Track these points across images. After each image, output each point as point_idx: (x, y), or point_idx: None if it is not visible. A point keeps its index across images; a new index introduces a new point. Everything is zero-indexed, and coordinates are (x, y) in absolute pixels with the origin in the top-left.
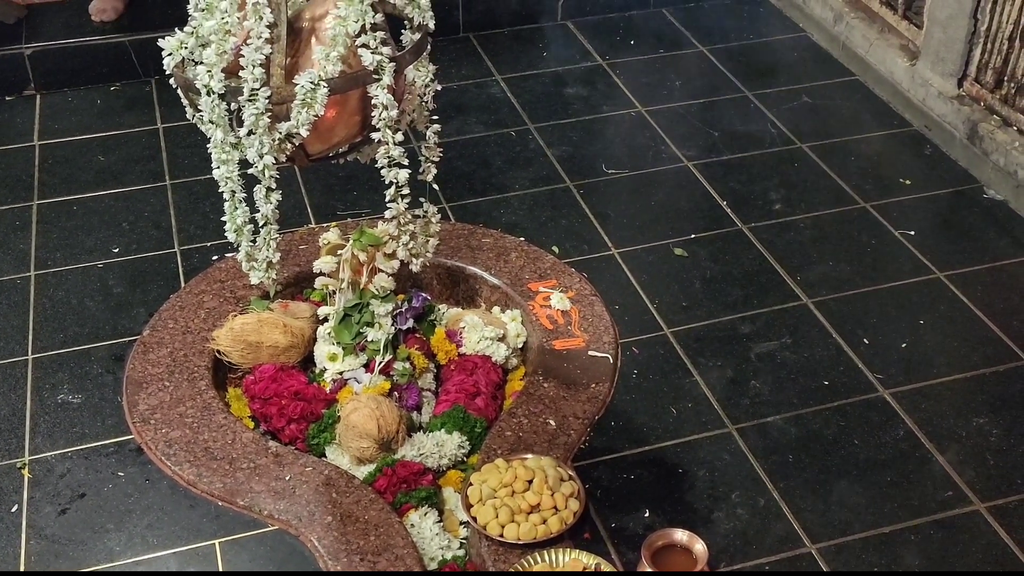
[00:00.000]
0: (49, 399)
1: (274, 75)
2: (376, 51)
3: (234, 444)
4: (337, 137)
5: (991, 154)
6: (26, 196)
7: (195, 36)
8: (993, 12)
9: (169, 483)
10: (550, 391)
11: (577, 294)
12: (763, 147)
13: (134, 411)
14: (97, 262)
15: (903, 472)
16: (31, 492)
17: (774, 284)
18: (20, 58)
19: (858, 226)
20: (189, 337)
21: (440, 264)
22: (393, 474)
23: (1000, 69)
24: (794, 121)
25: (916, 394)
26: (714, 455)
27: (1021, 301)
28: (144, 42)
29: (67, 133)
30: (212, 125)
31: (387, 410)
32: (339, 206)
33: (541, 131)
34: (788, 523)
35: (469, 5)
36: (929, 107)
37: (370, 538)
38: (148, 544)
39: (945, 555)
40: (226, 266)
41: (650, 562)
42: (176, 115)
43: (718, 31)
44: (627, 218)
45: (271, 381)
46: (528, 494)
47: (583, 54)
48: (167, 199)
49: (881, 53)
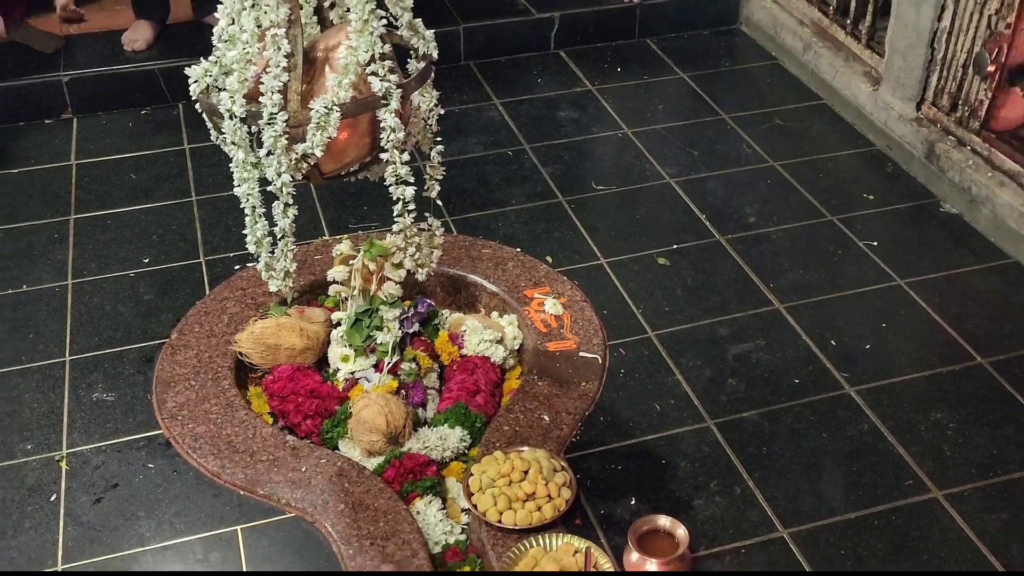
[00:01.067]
0: (85, 397)
1: (291, 100)
2: (384, 78)
3: (254, 438)
4: (349, 157)
5: (947, 171)
6: (64, 211)
7: (218, 65)
8: (948, 42)
9: (195, 474)
10: (544, 389)
11: (569, 300)
12: (739, 165)
13: (163, 408)
14: (129, 271)
15: (867, 463)
16: (68, 483)
17: (749, 291)
18: (58, 84)
19: (825, 237)
20: (213, 340)
21: (443, 273)
22: (400, 465)
23: (955, 94)
24: (767, 141)
25: (879, 391)
26: (694, 447)
27: (975, 306)
28: (172, 70)
29: (101, 153)
30: (234, 146)
31: (395, 407)
32: (350, 220)
33: (536, 151)
34: (762, 510)
35: (470, 36)
36: (890, 129)
37: (379, 524)
38: (176, 530)
39: (905, 539)
40: (247, 275)
41: (636, 546)
42: (201, 137)
43: (697, 59)
44: (614, 230)
45: (288, 380)
46: (524, 483)
47: (574, 80)
48: (193, 214)
49: (846, 79)
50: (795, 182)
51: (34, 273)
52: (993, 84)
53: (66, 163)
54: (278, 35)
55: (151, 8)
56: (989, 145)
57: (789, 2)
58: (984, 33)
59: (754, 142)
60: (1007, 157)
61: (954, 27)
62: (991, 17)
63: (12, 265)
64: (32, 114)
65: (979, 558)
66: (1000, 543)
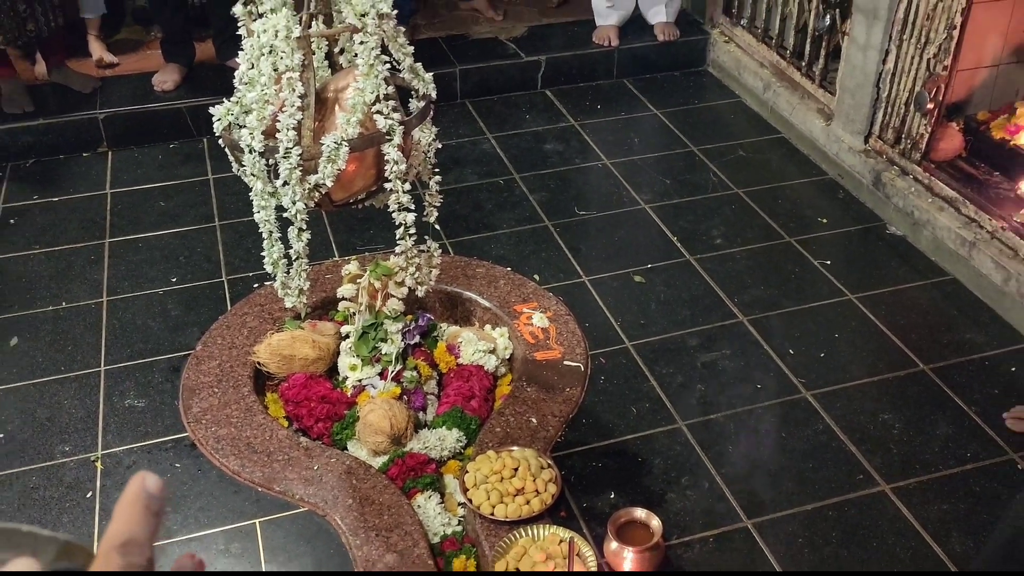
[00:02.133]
0: (118, 403)
1: (305, 136)
2: (388, 116)
3: (271, 440)
4: (356, 187)
5: (892, 198)
6: (100, 235)
7: (239, 105)
8: (892, 83)
9: (217, 472)
10: (532, 394)
11: (554, 314)
12: (706, 192)
13: (188, 413)
14: (158, 289)
15: (822, 460)
16: (103, 481)
17: (716, 305)
18: (95, 121)
19: (784, 257)
20: (234, 351)
21: (441, 290)
22: (403, 464)
23: (898, 129)
24: (731, 171)
25: (832, 395)
26: (667, 446)
27: (917, 318)
28: (197, 108)
29: (134, 183)
30: (253, 177)
31: (398, 411)
32: (358, 242)
33: (524, 180)
34: (728, 502)
35: (465, 77)
36: (841, 159)
37: (384, 517)
38: (200, 523)
39: (857, 528)
40: (265, 292)
41: (615, 536)
42: (224, 168)
43: (669, 97)
44: (595, 251)
45: (302, 387)
46: (514, 480)
47: (559, 116)
48: (216, 237)
49: (802, 115)
50: (756, 207)
51: (72, 291)
52: (932, 120)
53: (102, 192)
54: (293, 78)
55: (178, 53)
56: (929, 174)
57: (750, 46)
58: (924, 75)
59: (720, 171)
60: (945, 185)
61: (897, 69)
62: (930, 60)
63: (53, 284)
64: (71, 148)
65: (922, 545)
66: (941, 532)
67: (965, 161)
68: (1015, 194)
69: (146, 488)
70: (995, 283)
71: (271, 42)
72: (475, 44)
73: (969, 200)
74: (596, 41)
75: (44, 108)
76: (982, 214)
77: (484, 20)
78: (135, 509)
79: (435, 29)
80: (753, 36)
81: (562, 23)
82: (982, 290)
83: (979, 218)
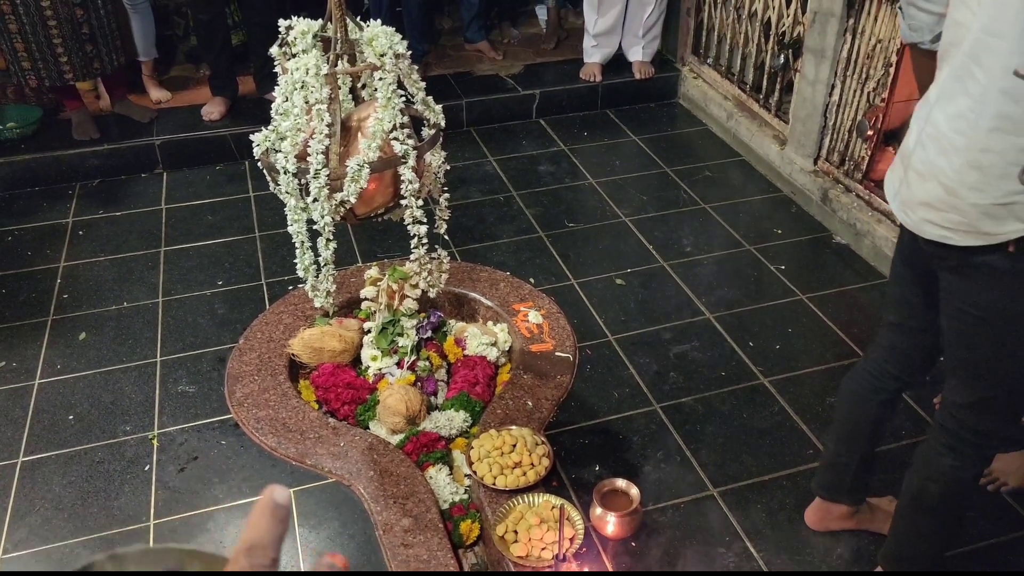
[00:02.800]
0: (172, 389)
1: (332, 160)
2: (404, 142)
3: (303, 420)
4: (376, 203)
5: (838, 211)
6: (156, 244)
7: (276, 132)
8: (837, 112)
9: (257, 449)
10: (528, 381)
11: (547, 312)
12: (678, 207)
13: (232, 397)
14: (206, 291)
15: (778, 437)
16: (158, 456)
17: (686, 304)
18: (152, 147)
19: (744, 263)
20: (272, 344)
21: (450, 291)
22: (417, 441)
23: (843, 152)
24: (699, 189)
25: (787, 381)
26: (644, 426)
27: (859, 315)
28: (240, 135)
29: (185, 200)
30: (288, 195)
31: (413, 395)
32: (378, 251)
33: (521, 196)
34: (697, 474)
35: (470, 108)
36: (794, 179)
37: (400, 487)
38: (242, 492)
39: (807, 494)
40: (298, 294)
41: (599, 503)
42: (262, 187)
43: (646, 125)
44: (583, 258)
45: (330, 376)
46: (513, 454)
47: (551, 142)
48: (256, 246)
49: (760, 140)
50: (721, 220)
51: (133, 293)
52: (872, 145)
53: (158, 207)
54: (322, 109)
55: (223, 88)
56: (869, 191)
57: (715, 81)
58: (864, 106)
59: (689, 189)
60: (883, 200)
61: (842, 101)
62: (870, 93)
63: (116, 287)
64: (132, 169)
65: None
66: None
67: None
68: None
69: (274, 499)
70: None
71: (303, 78)
72: (479, 80)
73: None
74: (583, 77)
75: (108, 135)
76: None
77: (487, 59)
78: (263, 517)
79: (444, 67)
80: (718, 72)
81: (554, 61)
82: None
83: None
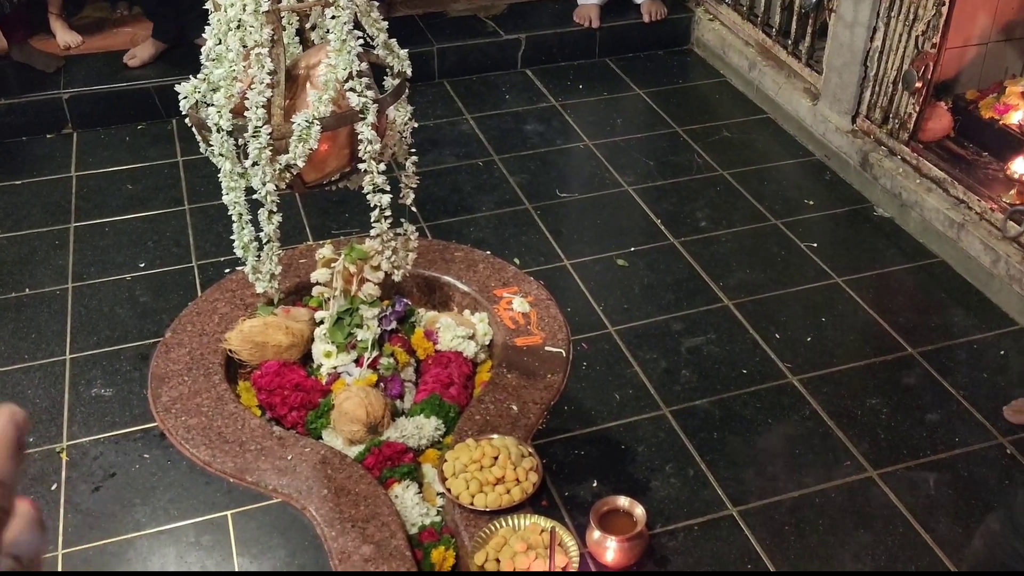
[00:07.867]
0: (84, 392)
1: (274, 115)
2: (362, 94)
3: (243, 429)
4: (329, 167)
5: (879, 179)
6: (65, 219)
7: (207, 82)
8: (880, 61)
9: (187, 463)
10: (512, 381)
11: (535, 299)
12: (690, 174)
13: (157, 402)
14: (126, 275)
15: (809, 446)
16: (68, 473)
17: (700, 289)
18: (59, 101)
19: (770, 240)
20: (205, 338)
21: (419, 274)
22: (380, 453)
23: (886, 108)
24: (716, 152)
25: (819, 380)
26: (651, 433)
27: (904, 301)
28: (166, 88)
29: (100, 165)
30: (222, 158)
31: (374, 399)
32: (332, 226)
33: (504, 162)
34: (713, 490)
35: (443, 55)
36: (828, 140)
37: (360, 508)
38: (170, 516)
39: (844, 514)
40: (236, 278)
41: (597, 525)
42: (192, 149)
43: (652, 77)
44: (577, 234)
45: (275, 375)
46: (494, 468)
47: (539, 96)
48: (186, 221)
49: (788, 95)
50: (742, 189)
51: (36, 277)
52: (920, 99)
53: (67, 175)
54: (262, 54)
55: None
56: (917, 155)
57: (735, 24)
58: (912, 52)
59: (704, 153)
60: (933, 165)
61: (885, 47)
62: (918, 38)
63: (15, 270)
64: (34, 129)
65: (910, 531)
66: (928, 518)
67: (953, 141)
68: (1004, 175)
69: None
70: (983, 265)
71: (239, 16)
72: (453, 22)
73: (957, 181)
74: (577, 20)
75: (5, 88)
76: (970, 195)
77: None
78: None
79: (411, 6)
80: (738, 14)
81: (543, 0)
82: (970, 272)
83: (967, 199)
